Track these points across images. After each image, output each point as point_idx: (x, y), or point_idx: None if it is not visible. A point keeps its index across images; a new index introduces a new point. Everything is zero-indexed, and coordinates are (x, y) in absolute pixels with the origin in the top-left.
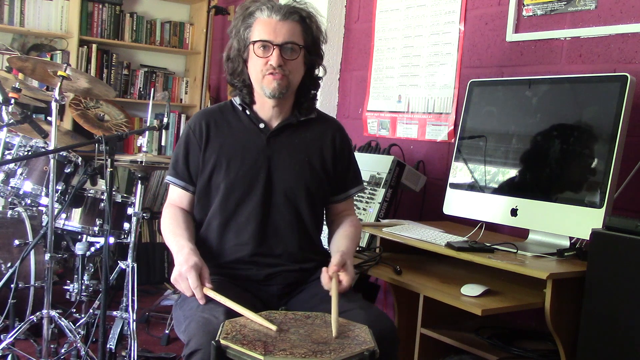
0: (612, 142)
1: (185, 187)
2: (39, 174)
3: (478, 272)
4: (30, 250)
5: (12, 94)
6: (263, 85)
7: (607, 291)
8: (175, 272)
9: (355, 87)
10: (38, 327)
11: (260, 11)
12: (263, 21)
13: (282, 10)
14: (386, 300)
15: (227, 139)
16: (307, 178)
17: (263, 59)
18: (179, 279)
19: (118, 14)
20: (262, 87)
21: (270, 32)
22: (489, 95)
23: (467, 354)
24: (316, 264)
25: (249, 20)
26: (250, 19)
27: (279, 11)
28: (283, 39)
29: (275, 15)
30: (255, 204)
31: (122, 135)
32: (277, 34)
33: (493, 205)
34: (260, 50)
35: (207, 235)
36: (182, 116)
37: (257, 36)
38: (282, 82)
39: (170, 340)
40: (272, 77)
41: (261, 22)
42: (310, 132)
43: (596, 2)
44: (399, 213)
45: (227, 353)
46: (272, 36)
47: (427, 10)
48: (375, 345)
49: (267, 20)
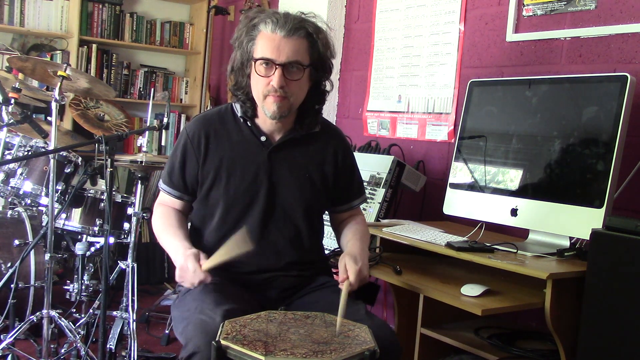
0: (612, 142)
1: (180, 197)
2: (39, 174)
3: (478, 272)
4: (30, 250)
5: (12, 94)
6: (264, 106)
7: (607, 291)
8: (178, 269)
9: (355, 87)
10: (38, 327)
11: (264, 24)
12: (267, 37)
13: (288, 26)
14: (386, 300)
15: (227, 152)
16: (307, 195)
17: (265, 79)
18: (183, 272)
19: (118, 14)
20: (264, 107)
21: (273, 50)
22: (489, 95)
23: (467, 354)
24: (315, 271)
25: (252, 32)
26: (254, 31)
27: (284, 26)
28: (286, 58)
29: (280, 30)
30: (254, 220)
31: (122, 135)
32: (280, 52)
33: (493, 205)
34: (262, 68)
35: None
36: (182, 116)
37: (260, 53)
38: (283, 105)
39: (170, 340)
40: (273, 98)
41: (265, 38)
42: (312, 146)
43: (596, 2)
44: (399, 213)
45: (227, 353)
46: (275, 54)
47: (427, 10)
48: (376, 345)
49: (270, 36)
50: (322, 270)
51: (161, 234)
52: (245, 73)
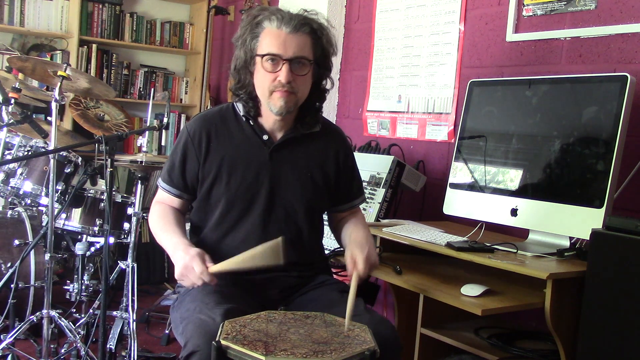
0: (612, 142)
1: (180, 196)
2: (39, 174)
3: (478, 272)
4: (30, 250)
5: (12, 94)
6: (270, 102)
7: (607, 291)
8: (179, 267)
9: (355, 87)
10: (38, 327)
11: (269, 21)
12: (272, 33)
13: (293, 22)
14: (386, 300)
15: (229, 150)
16: (309, 195)
17: (271, 75)
18: (186, 271)
19: (118, 14)
20: (269, 104)
21: (279, 46)
22: (489, 95)
23: (467, 354)
24: (315, 271)
25: (256, 30)
26: (257, 28)
27: (289, 23)
28: (293, 53)
29: (285, 27)
30: (255, 219)
31: (122, 135)
32: (286, 48)
33: (493, 205)
34: (269, 64)
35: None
36: (182, 116)
37: (266, 49)
38: (290, 100)
39: (170, 340)
40: (280, 94)
41: (270, 34)
42: (313, 145)
43: (596, 2)
44: (399, 213)
45: (227, 353)
46: (282, 50)
47: (427, 10)
48: (376, 344)
49: (276, 32)
50: (322, 270)
51: (159, 231)
52: (248, 71)
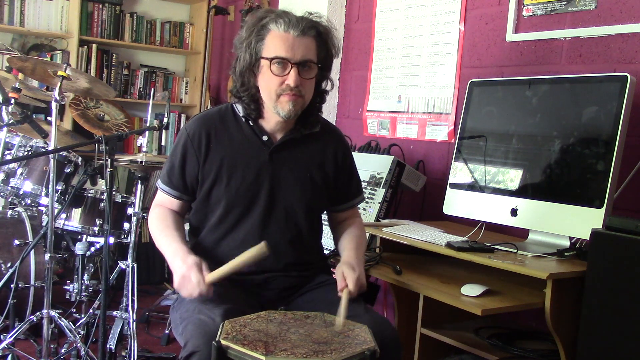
0: (612, 142)
1: (180, 197)
2: (39, 174)
3: (478, 272)
4: (30, 250)
5: (12, 94)
6: (277, 106)
7: (607, 291)
8: (178, 277)
9: (355, 87)
10: (38, 327)
11: (275, 24)
12: (279, 36)
13: (300, 26)
14: (386, 300)
15: (228, 151)
16: (309, 195)
17: (279, 78)
18: (184, 281)
19: (118, 14)
20: (276, 107)
21: (287, 49)
22: (489, 95)
23: (467, 354)
24: (315, 271)
25: (262, 32)
26: (263, 31)
27: (297, 26)
28: (301, 56)
29: (292, 30)
30: (255, 220)
31: (122, 135)
32: (295, 51)
33: (493, 205)
34: (276, 67)
35: (204, 246)
36: (182, 116)
37: (273, 52)
38: (298, 104)
39: (170, 340)
40: (288, 97)
41: (277, 37)
42: (312, 145)
43: (596, 2)
44: (399, 213)
45: (227, 353)
46: (290, 54)
47: (427, 10)
48: (376, 344)
49: (283, 36)
50: (322, 270)
51: (158, 235)
52: (253, 73)
